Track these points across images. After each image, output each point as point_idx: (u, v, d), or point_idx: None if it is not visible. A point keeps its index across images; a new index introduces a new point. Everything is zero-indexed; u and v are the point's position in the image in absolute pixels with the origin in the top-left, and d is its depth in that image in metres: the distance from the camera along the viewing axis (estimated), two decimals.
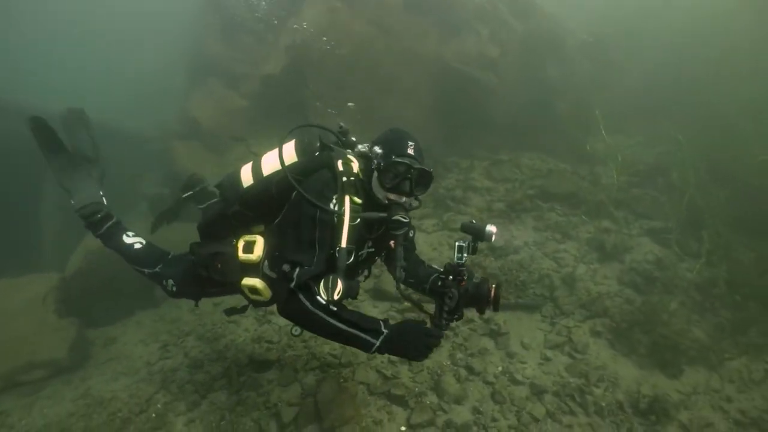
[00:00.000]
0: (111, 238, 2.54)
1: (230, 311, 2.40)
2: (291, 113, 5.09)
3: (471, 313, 2.98)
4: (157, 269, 2.41)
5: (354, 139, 2.00)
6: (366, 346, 1.68)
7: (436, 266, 2.17)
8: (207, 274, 2.02)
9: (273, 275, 1.95)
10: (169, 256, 2.50)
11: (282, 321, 3.59)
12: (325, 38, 4.74)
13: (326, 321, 1.66)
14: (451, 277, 1.77)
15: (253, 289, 2.01)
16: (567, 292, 3.42)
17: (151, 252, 2.51)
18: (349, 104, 4.85)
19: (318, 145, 1.93)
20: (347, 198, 1.73)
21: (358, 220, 1.73)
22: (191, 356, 3.46)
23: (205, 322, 3.93)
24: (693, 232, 4.11)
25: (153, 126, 6.53)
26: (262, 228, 2.07)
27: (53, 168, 2.52)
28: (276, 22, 6.00)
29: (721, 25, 5.71)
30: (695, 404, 2.68)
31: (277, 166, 1.93)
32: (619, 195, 4.56)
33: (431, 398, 2.61)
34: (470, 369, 2.79)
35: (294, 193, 1.82)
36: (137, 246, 2.52)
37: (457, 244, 1.76)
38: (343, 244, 1.65)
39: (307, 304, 1.66)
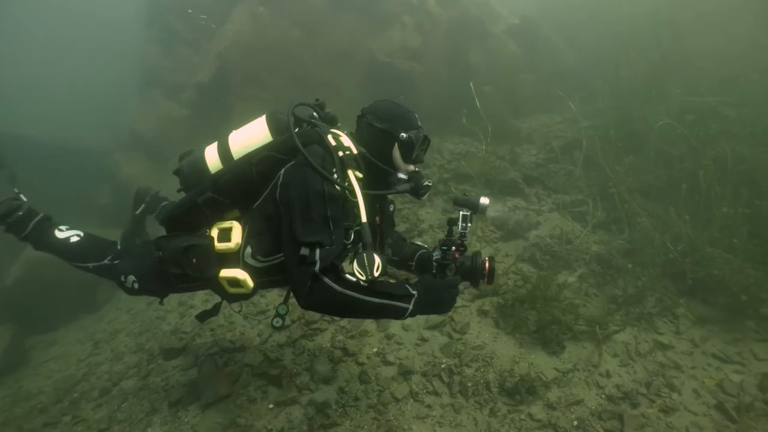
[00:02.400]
0: (41, 237, 2.28)
1: (202, 316, 2.28)
2: (220, 119, 5.33)
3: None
4: (106, 261, 2.19)
5: (332, 113, 1.91)
6: (399, 314, 1.58)
7: (419, 243, 2.11)
8: (180, 272, 1.81)
9: (257, 264, 1.80)
10: (119, 247, 2.31)
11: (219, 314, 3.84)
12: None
13: (360, 300, 1.52)
14: (453, 248, 1.73)
15: (234, 281, 1.82)
16: None
17: (93, 243, 2.28)
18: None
19: (293, 120, 1.75)
20: (350, 172, 1.64)
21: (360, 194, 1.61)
22: (116, 350, 3.75)
23: (137, 320, 4.22)
24: (601, 203, 4.20)
25: (107, 139, 6.85)
26: (236, 213, 1.89)
27: None
28: (214, 26, 6.20)
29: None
30: (569, 381, 2.61)
31: (251, 146, 1.79)
32: (534, 172, 4.68)
33: (303, 378, 2.76)
34: (345, 350, 2.92)
35: (282, 172, 1.69)
36: (74, 239, 2.27)
37: (461, 213, 1.71)
38: (364, 219, 1.56)
39: (336, 286, 1.49)
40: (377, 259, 1.48)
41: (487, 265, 1.73)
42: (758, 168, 3.66)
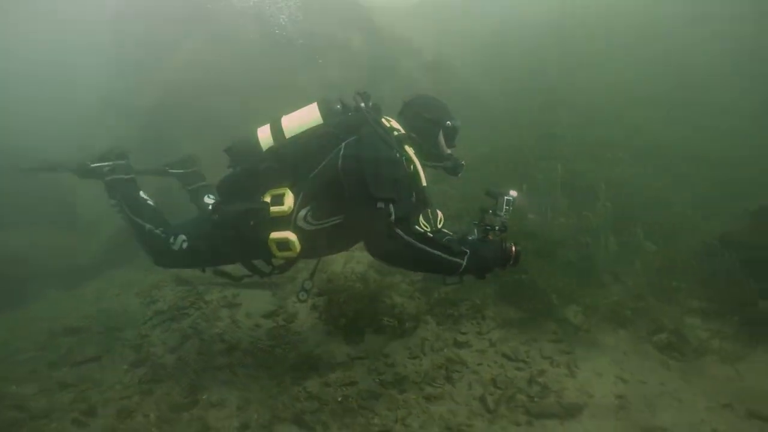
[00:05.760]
0: (132, 189, 2.65)
1: (220, 273, 2.55)
2: (158, 145, 6.11)
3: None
4: (160, 230, 2.45)
5: (378, 104, 2.17)
6: (454, 269, 1.83)
7: (445, 230, 2.25)
8: (236, 233, 2.03)
9: (308, 227, 2.01)
10: (173, 224, 2.59)
11: (122, 305, 4.47)
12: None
13: (425, 251, 1.78)
14: (497, 228, 1.96)
15: (283, 243, 2.01)
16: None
17: (158, 213, 2.62)
18: None
19: (355, 104, 2.03)
20: (407, 147, 1.93)
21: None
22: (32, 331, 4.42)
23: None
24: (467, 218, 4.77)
25: (68, 152, 7.58)
26: (288, 183, 2.08)
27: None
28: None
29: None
30: (353, 366, 2.95)
31: (303, 126, 2.06)
32: None
33: (158, 349, 3.45)
34: (196, 329, 3.61)
35: (343, 145, 1.94)
36: (150, 202, 2.65)
37: (505, 198, 1.96)
38: (424, 182, 1.85)
39: (407, 237, 1.76)
40: (440, 213, 1.80)
41: (513, 249, 1.95)
42: (597, 184, 4.17)
